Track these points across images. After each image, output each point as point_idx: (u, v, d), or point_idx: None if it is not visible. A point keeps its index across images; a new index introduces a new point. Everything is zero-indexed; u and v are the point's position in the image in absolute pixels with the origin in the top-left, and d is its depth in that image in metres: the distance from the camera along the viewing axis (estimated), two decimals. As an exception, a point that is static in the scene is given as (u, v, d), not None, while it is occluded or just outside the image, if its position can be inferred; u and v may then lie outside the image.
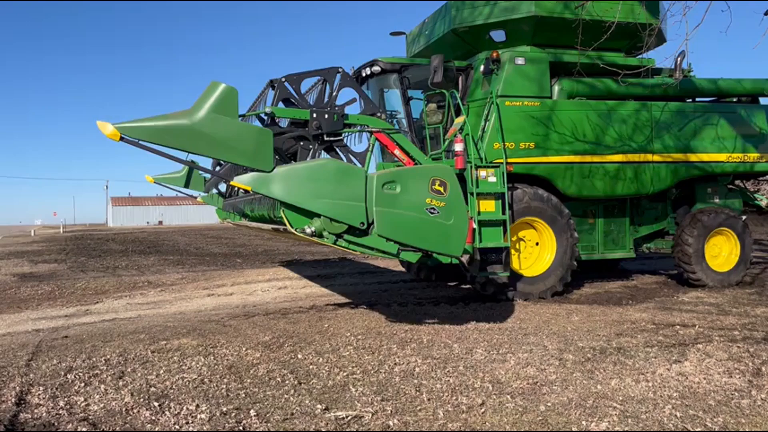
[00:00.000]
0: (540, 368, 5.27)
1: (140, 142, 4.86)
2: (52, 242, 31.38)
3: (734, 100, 11.32)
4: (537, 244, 9.36)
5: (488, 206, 8.57)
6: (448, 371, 5.22)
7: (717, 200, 10.89)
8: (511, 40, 9.64)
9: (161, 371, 5.29)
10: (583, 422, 4.01)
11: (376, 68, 9.67)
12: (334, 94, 6.67)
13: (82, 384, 4.94)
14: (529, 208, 9.08)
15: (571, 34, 8.86)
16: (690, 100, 10.96)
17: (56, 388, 4.83)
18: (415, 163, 6.18)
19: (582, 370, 5.22)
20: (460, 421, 4.06)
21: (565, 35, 9.18)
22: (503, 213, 8.61)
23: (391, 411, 4.26)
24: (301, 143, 6.23)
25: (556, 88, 9.62)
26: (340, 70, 6.71)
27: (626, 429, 3.90)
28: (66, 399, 4.56)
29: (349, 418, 4.15)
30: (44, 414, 4.26)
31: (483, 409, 4.27)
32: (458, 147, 8.42)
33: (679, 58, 9.66)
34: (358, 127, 6.48)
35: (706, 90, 10.91)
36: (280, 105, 6.59)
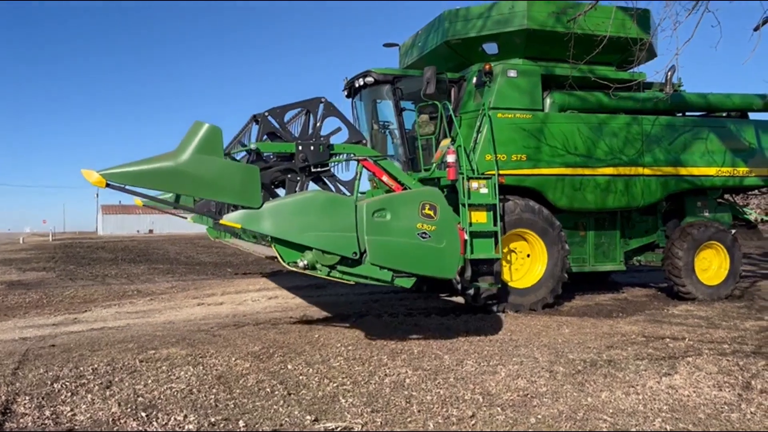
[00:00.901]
0: (530, 380, 5.27)
1: (126, 186, 4.87)
2: (41, 250, 31.13)
3: (724, 114, 11.44)
4: (528, 255, 9.38)
5: (480, 217, 8.58)
6: (439, 383, 5.20)
7: (707, 214, 10.96)
8: (503, 52, 9.71)
9: (149, 381, 5.24)
10: (574, 435, 4.00)
11: (369, 79, 9.71)
12: (318, 124, 6.68)
13: (69, 393, 4.88)
14: (520, 219, 9.10)
15: (563, 47, 8.95)
16: (680, 114, 11.06)
17: (42, 398, 4.77)
18: (404, 188, 6.16)
19: (572, 382, 5.22)
20: (451, 433, 4.04)
21: (557, 49, 9.26)
22: (495, 224, 8.62)
23: (381, 422, 4.24)
24: (289, 176, 6.22)
25: (547, 100, 9.69)
26: (323, 100, 6.72)
27: (616, 442, 3.90)
28: (52, 408, 4.51)
29: (338, 429, 4.12)
30: (30, 424, 4.21)
31: (473, 421, 4.26)
32: (450, 158, 8.45)
33: (669, 73, 9.76)
34: (345, 156, 6.48)
35: (695, 104, 11.03)
36: (265, 139, 6.57)
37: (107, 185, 4.80)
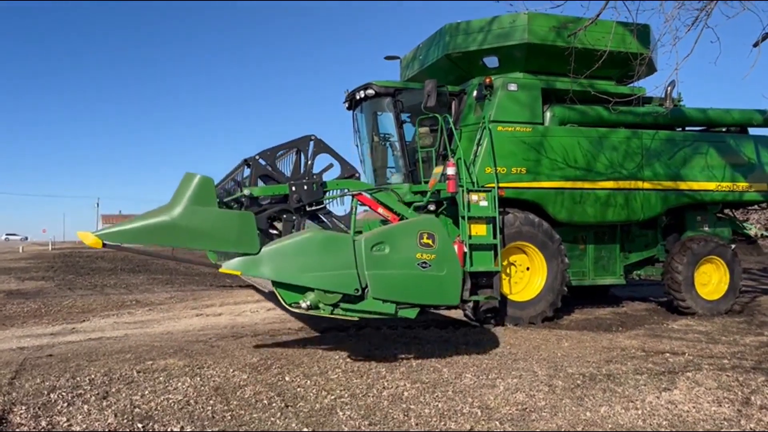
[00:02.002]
0: (529, 394, 5.24)
1: (123, 244, 4.91)
2: (40, 259, 31.09)
3: (723, 129, 11.48)
4: (528, 269, 9.36)
5: (479, 230, 8.58)
6: (437, 396, 5.17)
7: (706, 228, 10.96)
8: (504, 66, 9.76)
9: (146, 392, 5.22)
10: (572, 450, 3.97)
11: (370, 91, 9.75)
12: (309, 162, 6.70)
13: (65, 404, 4.86)
14: (520, 232, 9.10)
15: (563, 61, 8.99)
16: (680, 128, 11.09)
17: (39, 408, 4.74)
18: (401, 219, 6.14)
19: (571, 396, 5.20)
20: (448, 447, 4.01)
21: (558, 63, 9.31)
22: (494, 237, 8.62)
23: (379, 436, 4.22)
24: (284, 216, 6.22)
25: (547, 114, 9.72)
26: (313, 137, 6.75)
27: (615, 457, 3.87)
28: (48, 419, 4.49)
29: (335, 442, 4.09)
30: (25, 434, 4.18)
31: (471, 435, 4.23)
32: (450, 171, 8.46)
33: (669, 88, 9.80)
34: (339, 192, 6.48)
35: (695, 119, 11.06)
36: (259, 182, 6.58)
37: (104, 245, 4.85)
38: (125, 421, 4.45)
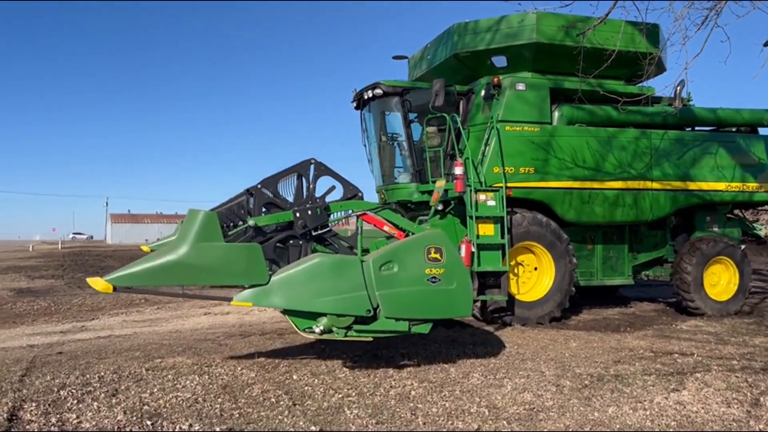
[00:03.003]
0: (537, 394, 5.23)
1: (134, 287, 4.96)
2: (50, 258, 31.32)
3: (733, 129, 11.41)
4: (535, 269, 9.35)
5: (487, 230, 8.57)
6: (445, 395, 5.18)
7: (716, 229, 10.90)
8: (512, 65, 9.75)
9: (155, 389, 5.25)
10: (580, 450, 3.97)
11: (378, 91, 9.76)
12: (311, 186, 6.70)
13: (75, 401, 4.89)
14: (528, 232, 9.08)
15: (571, 61, 8.96)
16: (689, 128, 11.03)
17: (49, 405, 4.78)
18: (407, 235, 6.12)
19: (579, 396, 5.18)
20: (456, 446, 4.02)
21: (566, 62, 9.28)
22: (502, 237, 8.61)
23: (386, 434, 4.22)
24: (291, 242, 6.23)
25: (556, 114, 9.70)
26: (313, 161, 6.75)
27: (623, 457, 3.86)
28: (58, 416, 4.52)
29: (343, 440, 4.10)
30: (36, 430, 4.22)
31: (479, 435, 4.23)
32: (458, 170, 8.46)
33: (678, 87, 9.76)
34: (343, 214, 6.47)
35: (705, 119, 11.00)
36: (264, 211, 6.60)
37: (114, 290, 4.91)
38: (134, 418, 4.47)
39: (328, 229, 6.32)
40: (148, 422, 4.37)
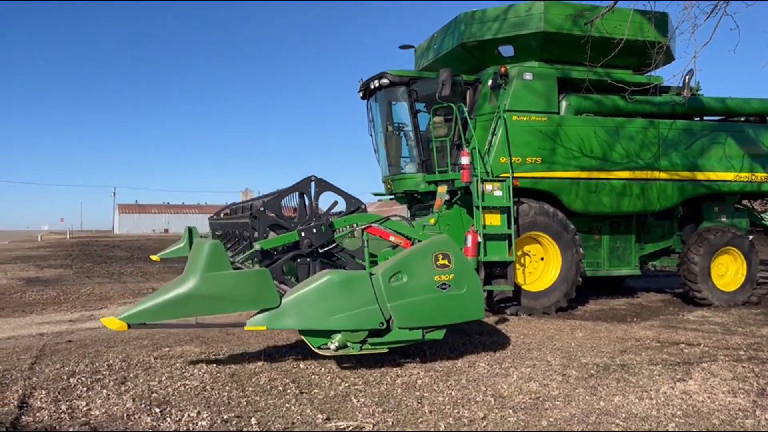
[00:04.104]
0: (543, 383, 5.25)
1: (147, 323, 5.00)
2: (59, 248, 31.52)
3: (742, 119, 11.33)
4: (542, 259, 9.34)
5: (494, 220, 8.57)
6: (451, 384, 5.20)
7: (724, 219, 10.85)
8: (519, 55, 9.70)
9: (163, 378, 5.29)
10: (585, 438, 3.98)
11: (385, 81, 9.74)
12: (314, 203, 6.69)
13: (85, 388, 4.95)
14: (534, 222, 9.07)
15: (579, 50, 8.92)
16: (698, 118, 10.96)
17: (59, 392, 4.83)
18: (413, 243, 6.11)
19: (585, 386, 5.19)
20: (462, 435, 4.04)
21: (574, 51, 9.23)
22: (508, 227, 8.60)
23: (393, 422, 4.25)
24: (298, 260, 6.24)
25: (563, 103, 9.65)
26: (313, 178, 6.73)
27: (628, 446, 3.87)
28: (68, 403, 4.57)
29: (350, 428, 4.13)
30: (46, 417, 4.27)
31: (485, 423, 4.25)
32: (465, 160, 8.44)
33: (687, 77, 9.69)
34: (348, 229, 6.46)
35: (713, 109, 10.92)
36: (268, 233, 6.60)
37: (129, 327, 4.96)
38: (143, 405, 4.52)
39: (335, 244, 6.33)
40: (157, 410, 4.41)
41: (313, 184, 6.74)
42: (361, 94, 10.77)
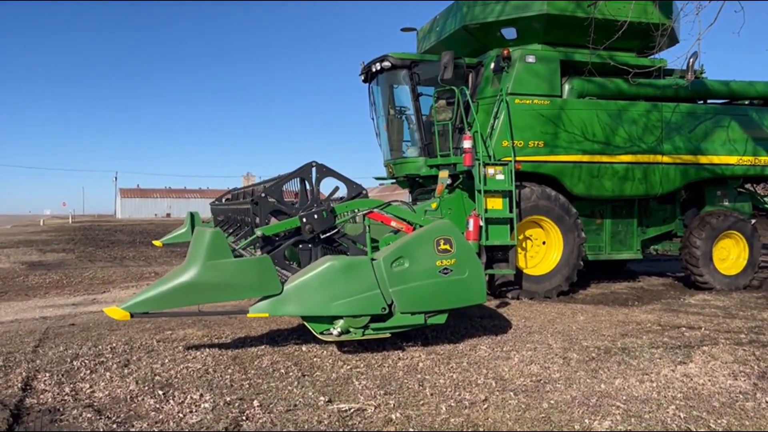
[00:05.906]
0: (544, 366, 5.27)
1: (150, 312, 5.00)
2: (61, 232, 31.59)
3: (746, 102, 11.25)
4: (544, 243, 9.34)
5: (495, 204, 8.56)
6: (452, 367, 5.22)
7: (726, 203, 10.82)
8: (522, 37, 9.62)
9: (166, 360, 5.32)
10: (586, 420, 4.00)
11: (387, 64, 9.68)
12: (315, 189, 6.67)
13: (88, 371, 4.98)
14: (536, 206, 9.06)
15: (582, 32, 8.84)
16: (701, 101, 10.89)
17: (62, 375, 4.86)
18: (414, 228, 6.10)
19: (586, 369, 5.21)
20: (463, 417, 4.06)
21: (577, 34, 9.15)
22: (510, 211, 8.59)
23: (394, 404, 4.27)
24: (300, 246, 6.22)
25: (566, 86, 9.59)
26: (314, 164, 6.70)
27: (629, 428, 3.89)
28: (71, 385, 4.60)
29: (351, 410, 4.16)
30: (50, 399, 4.30)
31: (486, 405, 4.27)
32: (467, 144, 8.41)
33: (691, 59, 9.61)
34: (349, 214, 6.44)
35: (717, 92, 10.85)
36: (269, 219, 6.57)
37: (132, 316, 5.00)
38: (146, 388, 4.54)
39: (337, 230, 6.32)
40: (160, 392, 4.44)
41: (314, 169, 6.73)
42: (362, 78, 10.71)
